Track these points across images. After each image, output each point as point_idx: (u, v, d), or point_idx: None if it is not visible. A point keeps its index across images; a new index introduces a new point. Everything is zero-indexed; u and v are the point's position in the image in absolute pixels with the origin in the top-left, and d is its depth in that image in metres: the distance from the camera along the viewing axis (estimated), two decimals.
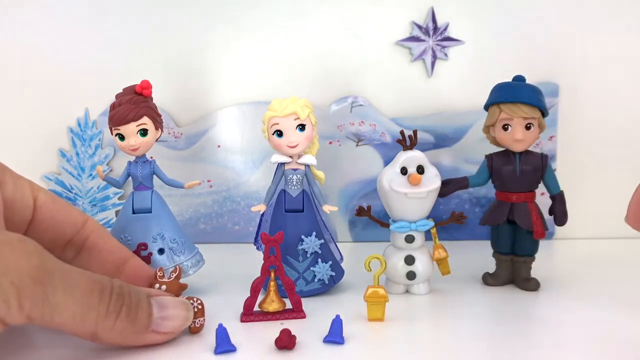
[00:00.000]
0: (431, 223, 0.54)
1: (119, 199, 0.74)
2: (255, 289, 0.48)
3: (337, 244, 0.56)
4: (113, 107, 0.52)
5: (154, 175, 0.55)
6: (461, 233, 0.72)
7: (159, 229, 0.53)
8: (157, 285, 0.44)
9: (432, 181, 0.53)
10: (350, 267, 0.57)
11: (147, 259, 0.53)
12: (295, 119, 0.52)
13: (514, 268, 0.56)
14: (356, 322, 0.47)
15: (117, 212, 0.74)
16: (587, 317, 0.48)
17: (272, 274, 0.48)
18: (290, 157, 0.54)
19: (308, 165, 0.54)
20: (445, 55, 0.72)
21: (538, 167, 0.55)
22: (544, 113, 0.54)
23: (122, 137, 0.52)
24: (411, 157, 0.53)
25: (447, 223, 0.55)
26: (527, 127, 0.53)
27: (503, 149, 0.56)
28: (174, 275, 0.45)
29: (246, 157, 0.74)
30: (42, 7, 0.72)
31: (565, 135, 0.74)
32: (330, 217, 0.58)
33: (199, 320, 0.44)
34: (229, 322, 0.44)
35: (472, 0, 0.72)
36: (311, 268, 0.54)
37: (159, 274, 0.45)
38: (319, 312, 0.49)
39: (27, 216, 0.43)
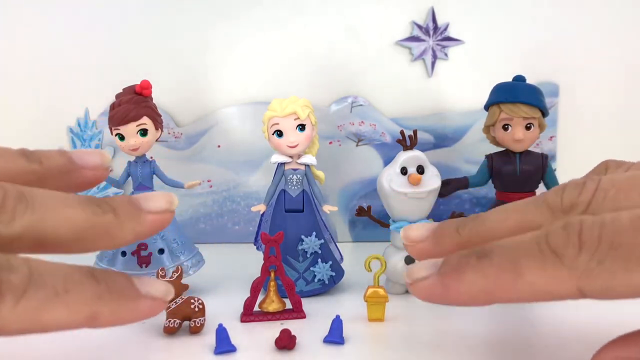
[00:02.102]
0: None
1: None
2: (255, 289, 0.48)
3: (337, 244, 0.56)
4: (113, 107, 0.52)
5: (154, 175, 0.55)
6: None
7: None
8: None
9: (432, 181, 0.53)
10: (350, 267, 0.57)
11: (147, 259, 0.53)
12: (295, 119, 0.52)
13: None
14: (356, 322, 0.47)
15: None
16: (587, 316, 0.48)
17: (272, 274, 0.48)
18: (290, 157, 0.54)
19: (308, 165, 0.54)
20: (446, 55, 0.72)
21: (538, 167, 0.55)
22: (544, 113, 0.54)
23: (122, 137, 0.52)
24: (411, 157, 0.53)
25: None
26: (527, 127, 0.53)
27: (503, 149, 0.56)
28: (176, 275, 0.45)
29: (246, 157, 0.74)
30: (42, 7, 0.72)
31: (565, 135, 0.74)
32: (330, 217, 0.58)
33: (199, 320, 0.44)
34: (229, 322, 0.44)
35: (472, 0, 0.72)
36: (311, 268, 0.54)
37: (160, 273, 0.45)
38: (319, 312, 0.49)
39: None
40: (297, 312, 0.48)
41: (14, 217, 0.22)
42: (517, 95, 0.53)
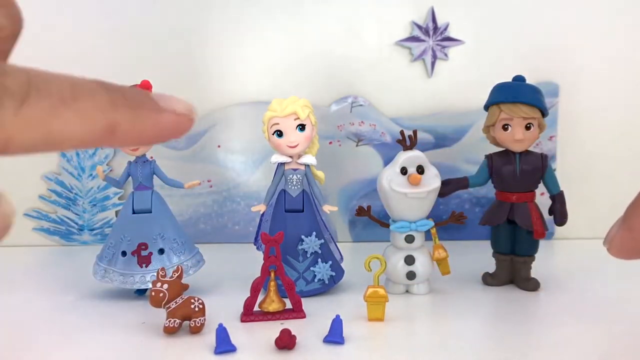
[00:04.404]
0: (431, 223, 0.54)
1: (119, 199, 0.74)
2: (255, 289, 0.48)
3: (337, 244, 0.56)
4: None
5: (154, 175, 0.55)
6: (461, 233, 0.72)
7: (159, 229, 0.54)
8: (159, 284, 0.44)
9: (432, 181, 0.53)
10: (350, 267, 0.57)
11: (147, 259, 0.53)
12: (295, 119, 0.52)
13: (514, 268, 0.56)
14: (356, 322, 0.47)
15: (117, 212, 0.74)
16: (587, 316, 0.48)
17: (272, 274, 0.48)
18: (290, 157, 0.54)
19: (308, 165, 0.54)
20: (445, 55, 0.72)
21: (538, 167, 0.55)
22: (544, 113, 0.54)
23: None
24: (411, 157, 0.53)
25: (447, 223, 0.55)
26: (527, 127, 0.53)
27: (503, 149, 0.56)
28: (176, 274, 0.45)
29: (246, 157, 0.74)
30: (42, 8, 0.72)
31: (565, 135, 0.74)
32: (330, 217, 0.58)
33: (199, 320, 0.44)
34: (229, 322, 0.44)
35: (472, 0, 0.72)
36: (311, 268, 0.54)
37: (160, 273, 0.45)
38: (319, 312, 0.49)
39: None
40: (297, 312, 0.48)
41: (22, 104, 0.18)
42: (517, 95, 0.53)
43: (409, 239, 0.53)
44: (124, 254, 0.53)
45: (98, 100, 0.20)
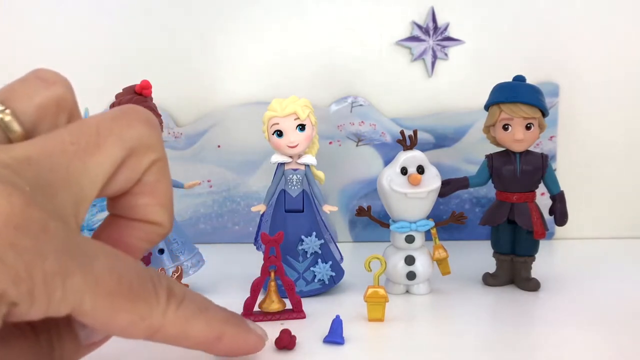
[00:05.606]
0: (431, 223, 0.54)
1: None
2: (255, 289, 0.48)
3: (337, 244, 0.56)
4: (113, 107, 0.52)
5: None
6: (461, 233, 0.72)
7: None
8: None
9: (432, 181, 0.53)
10: (350, 267, 0.57)
11: (147, 259, 0.53)
12: (295, 119, 0.52)
13: (514, 268, 0.56)
14: (356, 322, 0.47)
15: None
16: (587, 317, 0.48)
17: (272, 274, 0.48)
18: (290, 157, 0.54)
19: (308, 165, 0.54)
20: (446, 55, 0.72)
21: (538, 167, 0.55)
22: (544, 113, 0.54)
23: None
24: (411, 157, 0.53)
25: (447, 223, 0.55)
26: (527, 127, 0.53)
27: (503, 149, 0.56)
28: (176, 275, 0.45)
29: (246, 157, 0.74)
30: (41, 7, 0.72)
31: (565, 135, 0.74)
32: (330, 217, 0.58)
33: None
34: None
35: (472, 0, 0.72)
36: (311, 268, 0.54)
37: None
38: (319, 312, 0.49)
39: None
40: (297, 312, 0.48)
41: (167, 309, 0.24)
42: (517, 95, 0.53)
43: (409, 239, 0.53)
44: None
45: (219, 314, 0.26)
